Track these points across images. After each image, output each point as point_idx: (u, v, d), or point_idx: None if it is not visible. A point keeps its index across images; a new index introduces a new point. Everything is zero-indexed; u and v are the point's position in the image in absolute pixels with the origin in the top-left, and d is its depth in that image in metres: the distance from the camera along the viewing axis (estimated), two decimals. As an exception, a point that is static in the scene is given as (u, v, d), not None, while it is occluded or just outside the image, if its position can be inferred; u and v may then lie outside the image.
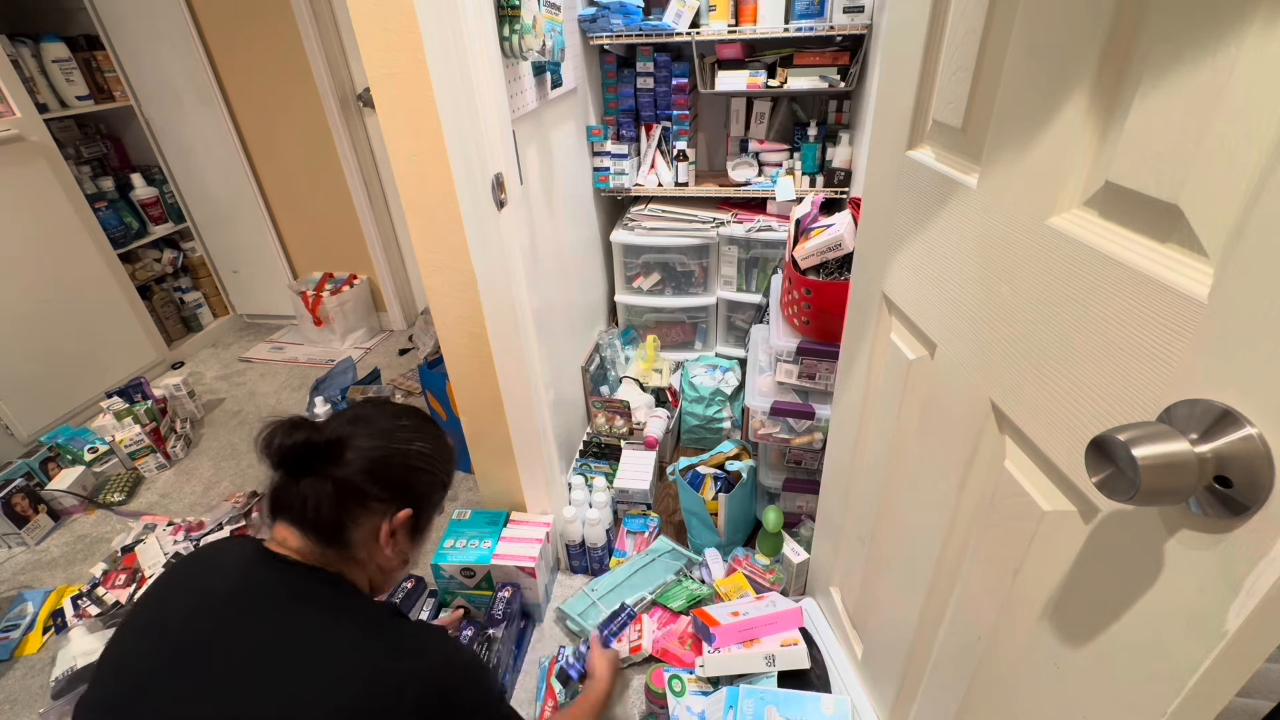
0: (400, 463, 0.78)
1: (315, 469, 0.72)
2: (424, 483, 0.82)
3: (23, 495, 1.80)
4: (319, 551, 0.74)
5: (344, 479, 0.73)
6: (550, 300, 1.57)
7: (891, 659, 1.02)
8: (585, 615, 1.41)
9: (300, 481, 0.72)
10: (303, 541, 0.73)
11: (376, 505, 0.76)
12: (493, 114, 1.08)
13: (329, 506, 0.73)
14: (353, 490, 0.74)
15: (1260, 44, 0.38)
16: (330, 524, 0.73)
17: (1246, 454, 0.39)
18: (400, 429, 0.80)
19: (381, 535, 0.76)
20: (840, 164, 1.84)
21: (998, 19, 0.62)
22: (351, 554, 0.76)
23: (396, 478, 0.78)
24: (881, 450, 0.98)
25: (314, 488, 0.72)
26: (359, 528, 0.75)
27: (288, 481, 0.72)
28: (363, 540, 0.76)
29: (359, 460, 0.74)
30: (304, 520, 0.73)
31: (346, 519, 0.74)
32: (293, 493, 0.72)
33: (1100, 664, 0.54)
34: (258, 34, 2.33)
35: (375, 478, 0.75)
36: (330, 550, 0.74)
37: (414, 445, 0.80)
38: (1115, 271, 0.48)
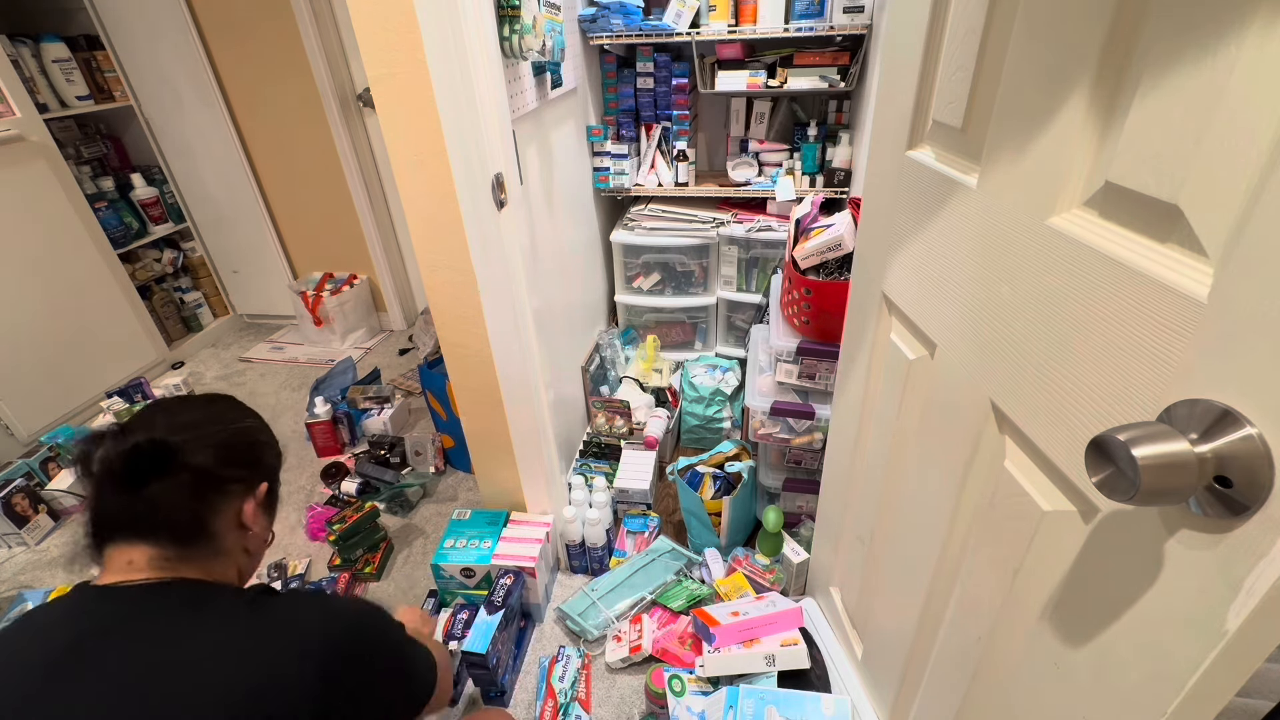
0: (244, 440, 0.77)
1: (162, 470, 0.66)
2: (269, 454, 0.80)
3: (23, 495, 1.80)
4: (176, 558, 0.68)
5: (200, 469, 0.69)
6: (550, 300, 1.57)
7: (891, 659, 1.02)
8: (585, 615, 1.41)
9: (145, 489, 0.66)
10: (154, 553, 0.67)
11: (235, 488, 0.73)
12: (493, 114, 1.08)
13: (188, 502, 0.69)
14: (211, 479, 0.71)
15: (1260, 44, 0.38)
16: (190, 521, 0.69)
17: (1246, 454, 0.39)
18: (222, 412, 0.78)
19: (247, 515, 0.74)
20: (840, 164, 1.84)
21: (998, 19, 0.62)
22: (216, 546, 0.72)
23: (248, 455, 0.76)
24: (881, 450, 0.98)
25: (166, 489, 0.67)
26: (220, 516, 0.72)
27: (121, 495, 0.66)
28: (226, 528, 0.73)
29: (207, 447, 0.70)
30: (154, 529, 0.67)
31: (205, 510, 0.70)
32: (135, 505, 0.66)
33: (1100, 664, 0.54)
34: (258, 34, 2.33)
35: (230, 460, 0.73)
36: (191, 549, 0.69)
37: (246, 421, 0.79)
38: (1115, 271, 0.48)
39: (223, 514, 0.72)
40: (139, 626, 0.62)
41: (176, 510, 0.68)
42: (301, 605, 0.70)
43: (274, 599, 0.70)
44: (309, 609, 0.69)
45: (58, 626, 0.63)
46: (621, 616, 1.41)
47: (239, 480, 0.74)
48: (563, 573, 1.60)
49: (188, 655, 0.61)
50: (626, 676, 1.34)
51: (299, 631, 0.66)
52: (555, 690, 1.27)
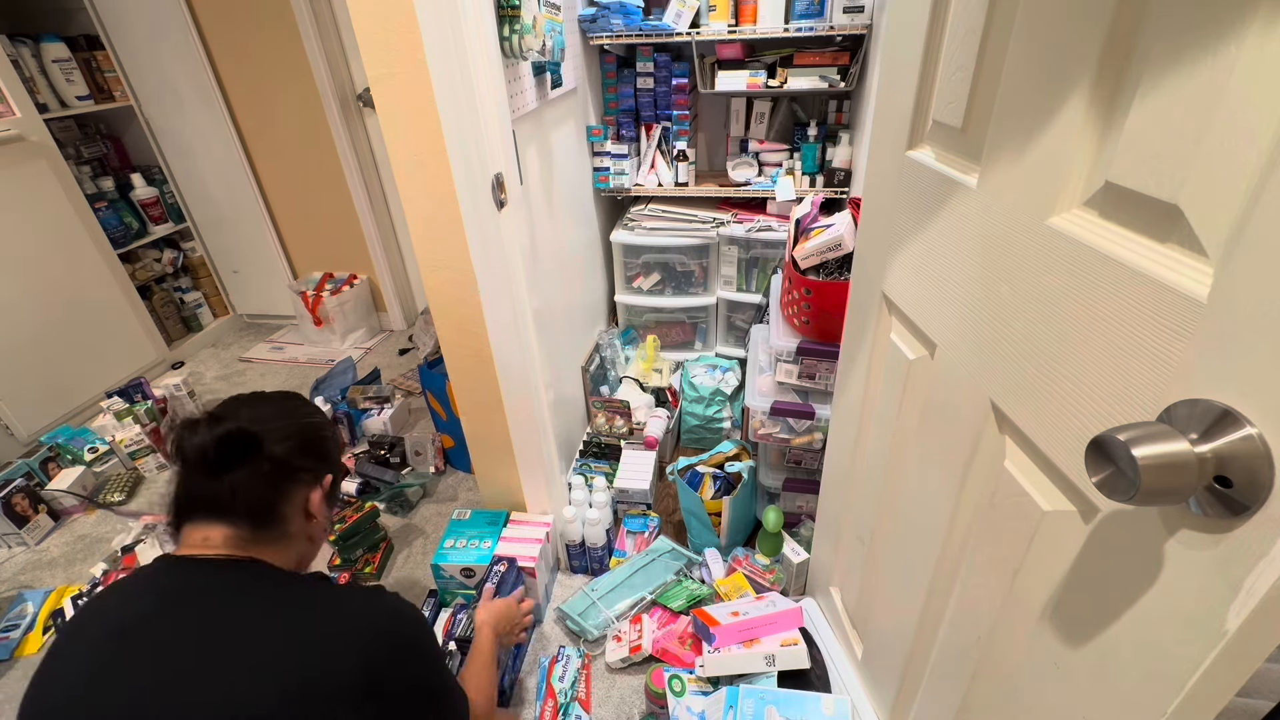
0: (316, 433, 0.83)
1: (245, 458, 0.73)
2: (334, 448, 0.87)
3: (23, 495, 1.80)
4: (248, 539, 0.74)
5: (278, 458, 0.75)
6: (550, 300, 1.57)
7: (891, 659, 1.02)
8: (585, 615, 1.41)
9: (226, 474, 0.72)
10: (229, 533, 0.73)
11: (306, 477, 0.80)
12: (493, 114, 1.08)
13: (265, 489, 0.75)
14: (287, 468, 0.77)
15: (1260, 44, 0.38)
16: (266, 506, 0.75)
17: (1246, 454, 0.39)
18: (297, 406, 0.84)
19: (314, 505, 0.80)
20: (840, 164, 1.84)
21: (998, 19, 0.62)
22: (283, 531, 0.77)
23: (318, 448, 0.83)
24: (881, 450, 0.98)
25: (248, 475, 0.73)
26: (291, 503, 0.78)
27: (207, 478, 0.72)
28: (294, 514, 0.78)
29: (285, 439, 0.77)
30: (233, 510, 0.73)
31: (280, 498, 0.77)
32: (219, 487, 0.72)
33: (1100, 664, 0.54)
34: (258, 34, 2.33)
35: (303, 452, 0.79)
36: (263, 533, 0.75)
37: (315, 418, 0.85)
38: (1115, 271, 0.48)
39: (293, 501, 0.78)
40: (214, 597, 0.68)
41: (255, 494, 0.74)
42: (361, 597, 0.75)
43: (338, 590, 0.76)
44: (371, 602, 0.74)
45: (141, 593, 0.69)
46: (621, 616, 1.41)
47: (309, 470, 0.80)
48: (563, 573, 1.60)
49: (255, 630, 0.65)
50: (626, 676, 1.34)
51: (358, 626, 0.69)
52: (555, 690, 1.27)
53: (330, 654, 0.65)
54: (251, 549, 0.74)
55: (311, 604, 0.70)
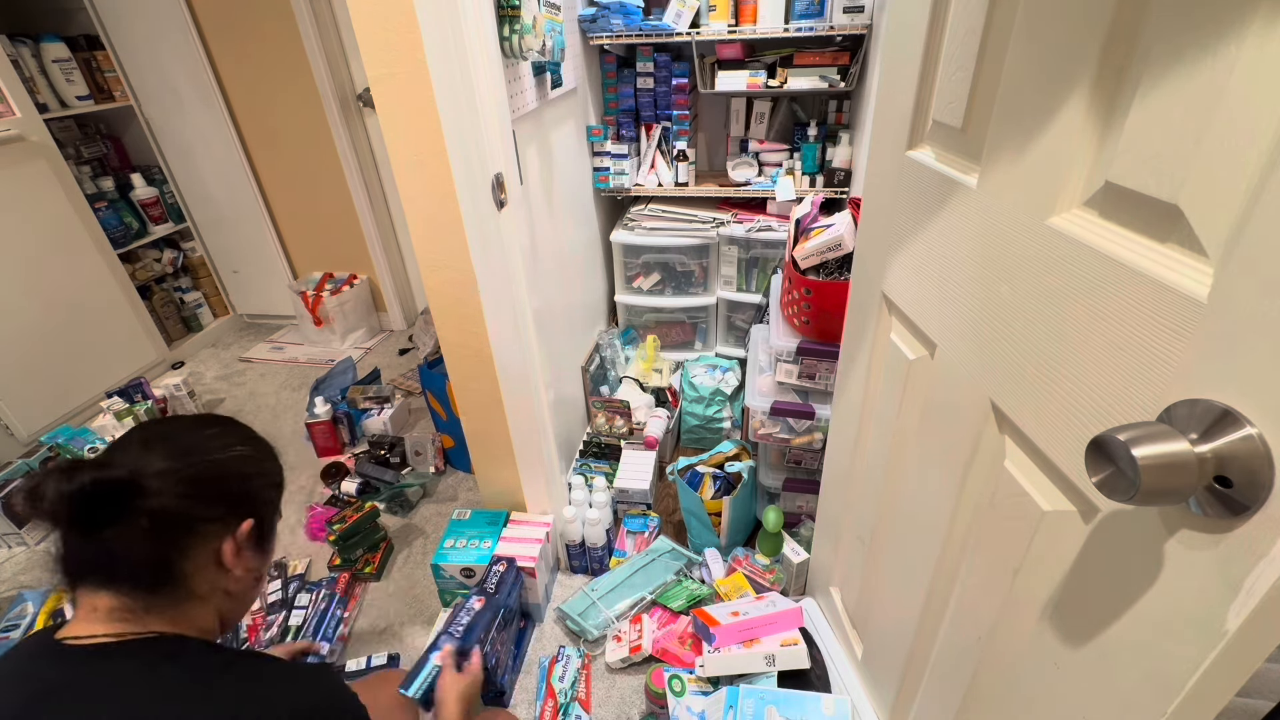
0: (222, 472, 0.68)
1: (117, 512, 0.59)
2: (258, 486, 0.72)
3: (23, 495, 1.80)
4: (140, 606, 0.62)
5: (160, 510, 0.61)
6: (550, 300, 1.57)
7: (891, 659, 1.02)
8: (585, 615, 1.41)
9: (101, 533, 0.59)
10: (120, 601, 0.62)
11: (209, 527, 0.66)
12: (493, 114, 1.08)
13: (149, 547, 0.62)
14: (174, 519, 0.63)
15: (1260, 44, 0.38)
16: (155, 567, 0.62)
17: (1246, 454, 0.39)
18: (209, 438, 0.69)
19: (226, 556, 0.66)
20: (840, 164, 1.84)
21: (998, 19, 0.62)
22: (188, 590, 0.65)
23: (227, 489, 0.68)
24: (881, 450, 0.98)
25: (122, 533, 0.60)
26: (192, 559, 0.64)
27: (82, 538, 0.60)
28: (200, 570, 0.65)
29: (172, 485, 0.62)
30: (116, 576, 0.61)
31: (174, 554, 0.63)
32: (93, 549, 0.60)
33: (1100, 664, 0.54)
34: (258, 34, 2.33)
35: (200, 498, 0.64)
36: (157, 597, 0.63)
37: (233, 451, 0.70)
38: (1115, 271, 0.48)
39: (194, 556, 0.65)
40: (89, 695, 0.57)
41: (135, 556, 0.61)
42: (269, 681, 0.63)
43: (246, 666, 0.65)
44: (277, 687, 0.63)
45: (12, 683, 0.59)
46: (621, 616, 1.41)
47: (213, 520, 0.66)
48: (563, 573, 1.60)
49: None
50: (626, 676, 1.34)
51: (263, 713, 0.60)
52: (555, 690, 1.28)
53: None
54: (147, 619, 0.62)
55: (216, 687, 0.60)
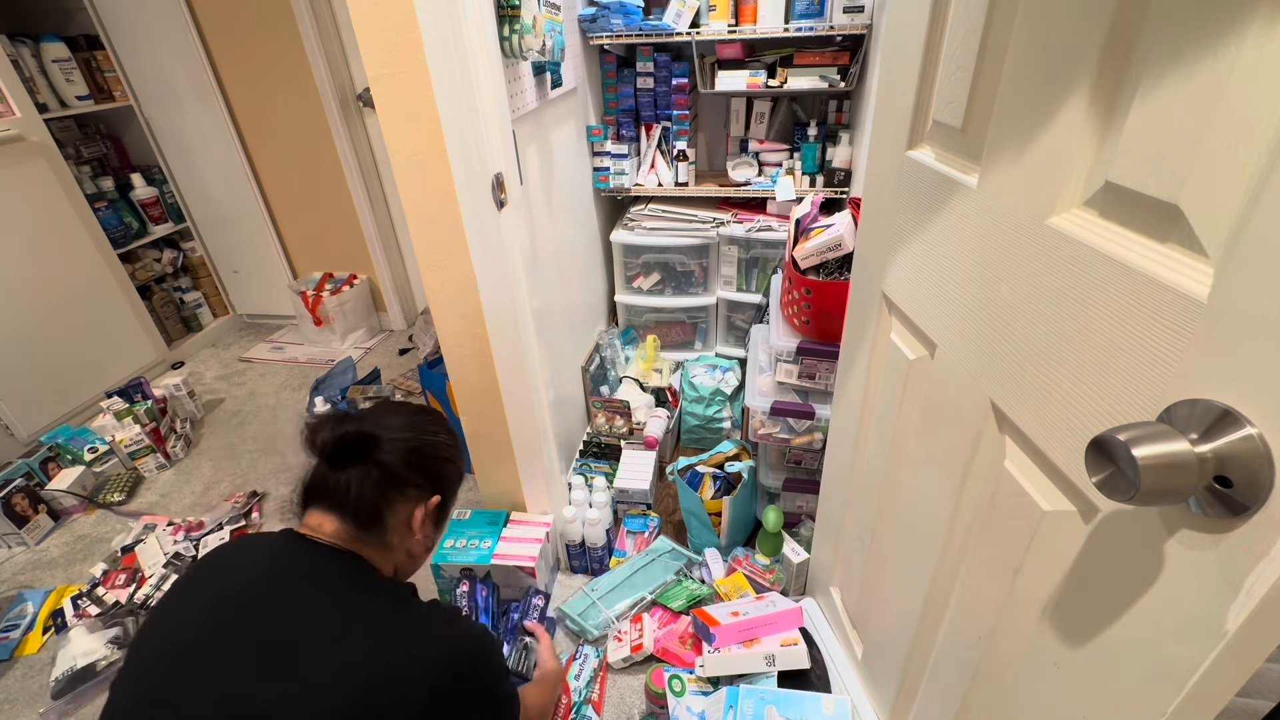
0: (433, 452, 0.85)
1: (360, 458, 0.78)
2: (451, 472, 0.89)
3: (23, 495, 1.80)
4: (353, 536, 0.78)
5: (388, 465, 0.79)
6: (550, 300, 1.57)
7: (891, 659, 1.02)
8: (585, 615, 1.41)
9: (344, 470, 0.77)
10: (339, 526, 0.78)
11: (413, 492, 0.82)
12: (493, 114, 1.08)
13: (372, 491, 0.78)
14: (394, 477, 0.80)
15: (1260, 44, 0.38)
16: (371, 508, 0.79)
17: (1246, 454, 0.39)
18: (426, 423, 0.87)
19: (415, 520, 0.82)
20: (840, 164, 1.84)
21: (998, 19, 0.62)
22: (385, 539, 0.81)
23: (430, 466, 0.85)
24: (881, 450, 0.98)
25: (359, 475, 0.77)
26: (395, 513, 0.81)
27: (330, 470, 0.78)
28: (396, 525, 0.81)
29: (399, 450, 0.80)
30: (344, 505, 0.78)
31: (385, 504, 0.80)
32: (334, 480, 0.77)
33: (1100, 664, 0.54)
34: (258, 34, 2.33)
35: (413, 466, 0.82)
36: (365, 534, 0.79)
37: (440, 437, 0.87)
38: (1115, 271, 0.48)
39: (397, 511, 0.81)
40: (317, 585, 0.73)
41: (362, 495, 0.78)
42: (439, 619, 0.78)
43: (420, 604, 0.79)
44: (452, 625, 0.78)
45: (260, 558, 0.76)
46: (621, 616, 1.41)
47: (416, 485, 0.83)
48: (563, 573, 1.60)
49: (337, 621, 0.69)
50: (626, 677, 1.34)
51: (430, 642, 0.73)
52: (570, 688, 1.27)
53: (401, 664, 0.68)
54: (357, 546, 0.78)
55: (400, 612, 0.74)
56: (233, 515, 1.82)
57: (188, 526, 1.80)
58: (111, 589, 1.60)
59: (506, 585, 1.45)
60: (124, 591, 1.60)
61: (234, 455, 2.16)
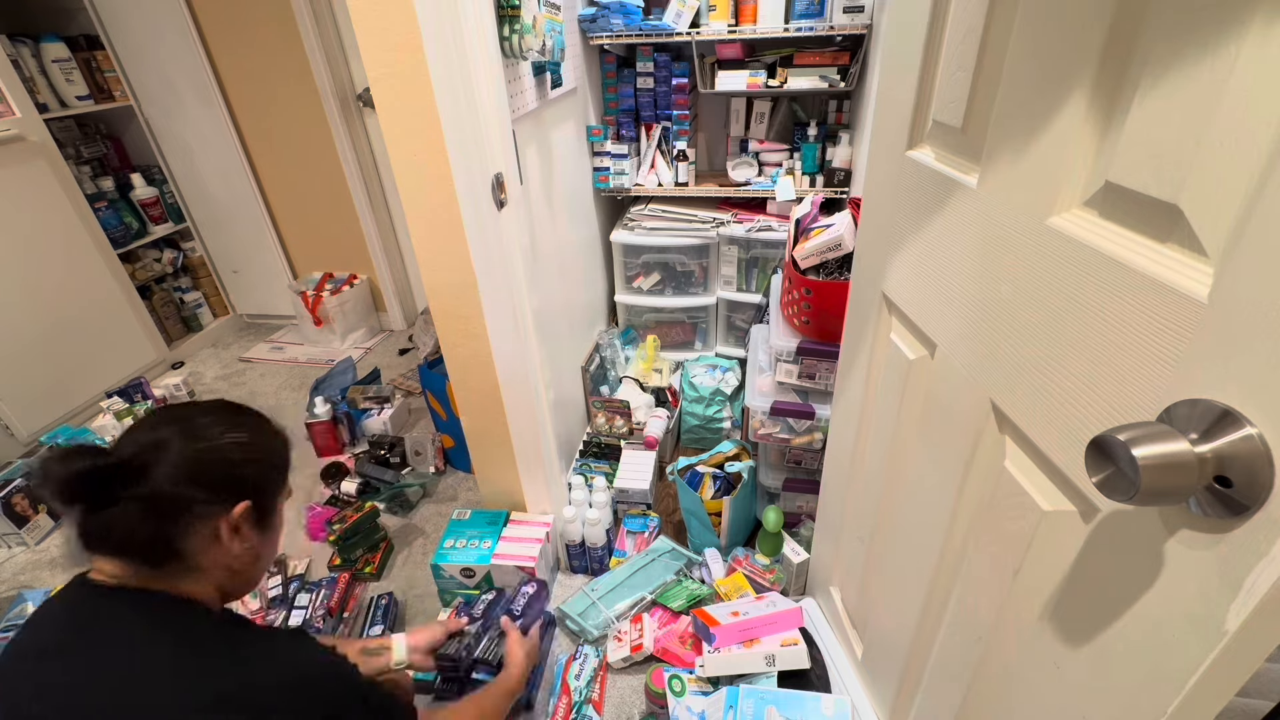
0: (217, 457, 0.73)
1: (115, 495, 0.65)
2: (253, 472, 0.76)
3: (23, 495, 1.80)
4: (147, 574, 0.69)
5: (155, 494, 0.67)
6: (550, 300, 1.57)
7: (891, 659, 1.02)
8: (585, 615, 1.41)
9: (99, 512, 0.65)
10: (126, 569, 0.68)
11: (202, 509, 0.70)
12: (493, 114, 1.08)
13: (147, 527, 0.67)
14: (169, 502, 0.68)
15: (1260, 44, 0.38)
16: (154, 544, 0.68)
17: (1246, 454, 0.39)
18: (205, 426, 0.74)
19: (223, 534, 0.72)
20: (840, 164, 1.84)
21: (998, 19, 0.62)
22: (187, 565, 0.71)
23: (217, 474, 0.72)
24: (881, 450, 0.98)
25: (121, 514, 0.66)
26: (191, 537, 0.70)
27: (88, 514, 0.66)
28: (200, 548, 0.71)
29: (166, 471, 0.68)
30: (122, 549, 0.68)
31: (173, 533, 0.69)
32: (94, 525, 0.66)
33: (1100, 664, 0.54)
34: (258, 34, 2.33)
35: (193, 482, 0.69)
36: (163, 569, 0.69)
37: (225, 438, 0.74)
38: (1115, 271, 0.48)
39: (194, 534, 0.70)
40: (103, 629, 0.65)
41: (133, 535, 0.67)
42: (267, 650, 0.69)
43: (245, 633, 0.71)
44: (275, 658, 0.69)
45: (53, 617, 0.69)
46: (621, 616, 1.41)
47: (207, 501, 0.71)
48: (563, 573, 1.60)
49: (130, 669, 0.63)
50: (626, 676, 1.34)
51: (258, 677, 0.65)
52: (571, 688, 1.27)
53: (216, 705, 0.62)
54: (155, 583, 0.69)
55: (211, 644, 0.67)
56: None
57: (188, 526, 1.80)
58: (111, 589, 1.60)
59: (505, 585, 1.45)
60: (124, 591, 1.60)
61: (234, 455, 2.16)
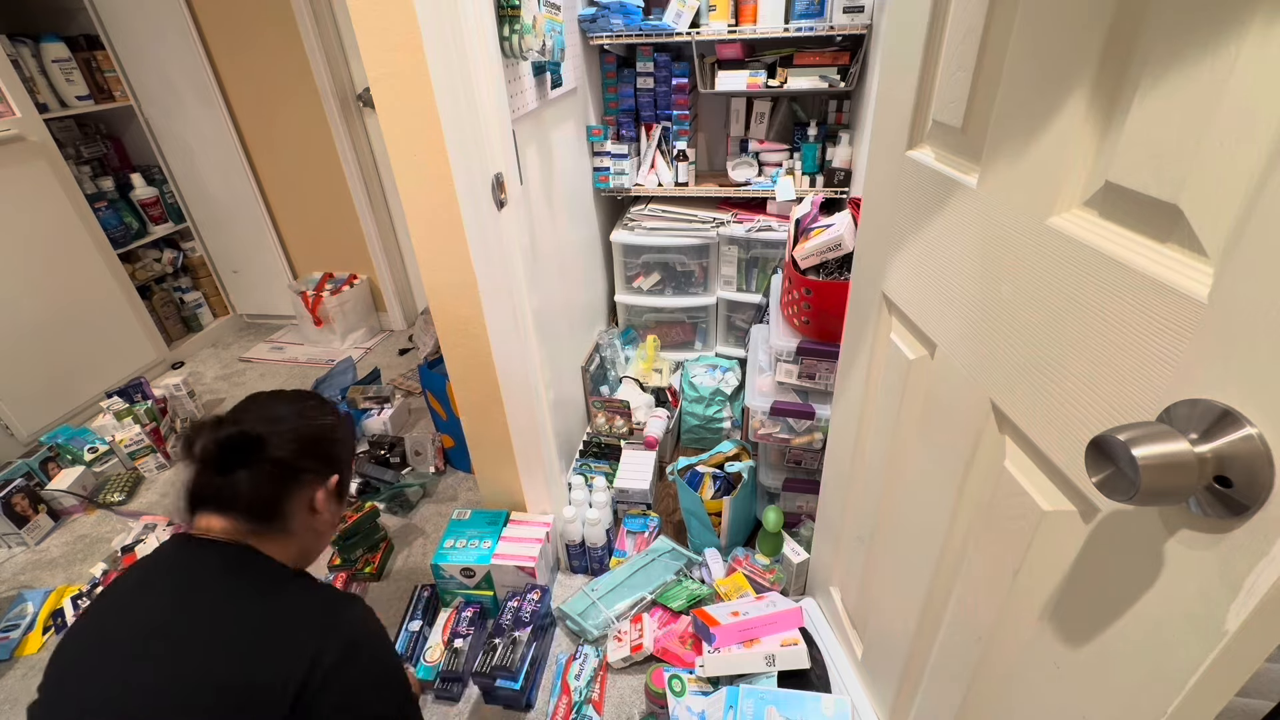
0: (324, 435, 0.86)
1: (247, 459, 0.77)
2: (343, 450, 0.90)
3: (23, 495, 1.80)
4: (248, 530, 0.79)
5: (280, 459, 0.79)
6: (550, 300, 1.57)
7: (891, 659, 1.02)
8: (585, 615, 1.41)
9: (229, 474, 0.77)
10: (229, 523, 0.78)
11: (309, 478, 0.83)
12: (493, 114, 1.08)
13: (268, 489, 0.79)
14: (289, 469, 0.81)
15: (1260, 44, 0.38)
16: (268, 504, 0.79)
17: (1246, 454, 0.39)
18: (309, 409, 0.87)
19: (318, 502, 0.84)
20: (840, 164, 1.84)
21: (998, 19, 0.62)
22: (285, 526, 0.81)
23: (323, 450, 0.86)
24: (881, 450, 0.98)
25: (250, 476, 0.77)
26: (294, 500, 0.82)
27: (213, 476, 0.77)
28: (297, 511, 0.82)
29: (289, 441, 0.80)
30: (236, 506, 0.78)
31: (282, 496, 0.81)
32: (221, 485, 0.77)
33: (1100, 664, 0.54)
34: (258, 34, 2.33)
35: (307, 454, 0.83)
36: (261, 526, 0.79)
37: (327, 419, 0.88)
38: (1115, 271, 0.48)
39: (296, 499, 0.82)
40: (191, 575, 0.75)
41: (257, 493, 0.78)
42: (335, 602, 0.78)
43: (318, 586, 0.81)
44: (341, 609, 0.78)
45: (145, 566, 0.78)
46: (621, 616, 1.41)
47: (313, 471, 0.84)
48: (563, 573, 1.60)
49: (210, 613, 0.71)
50: (626, 676, 1.34)
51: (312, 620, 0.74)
52: (570, 688, 1.27)
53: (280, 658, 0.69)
54: (252, 539, 0.79)
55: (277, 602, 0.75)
56: (233, 515, 1.82)
57: (188, 526, 1.80)
58: (111, 589, 1.60)
59: (506, 585, 1.45)
60: (124, 591, 1.60)
61: (234, 455, 2.16)
